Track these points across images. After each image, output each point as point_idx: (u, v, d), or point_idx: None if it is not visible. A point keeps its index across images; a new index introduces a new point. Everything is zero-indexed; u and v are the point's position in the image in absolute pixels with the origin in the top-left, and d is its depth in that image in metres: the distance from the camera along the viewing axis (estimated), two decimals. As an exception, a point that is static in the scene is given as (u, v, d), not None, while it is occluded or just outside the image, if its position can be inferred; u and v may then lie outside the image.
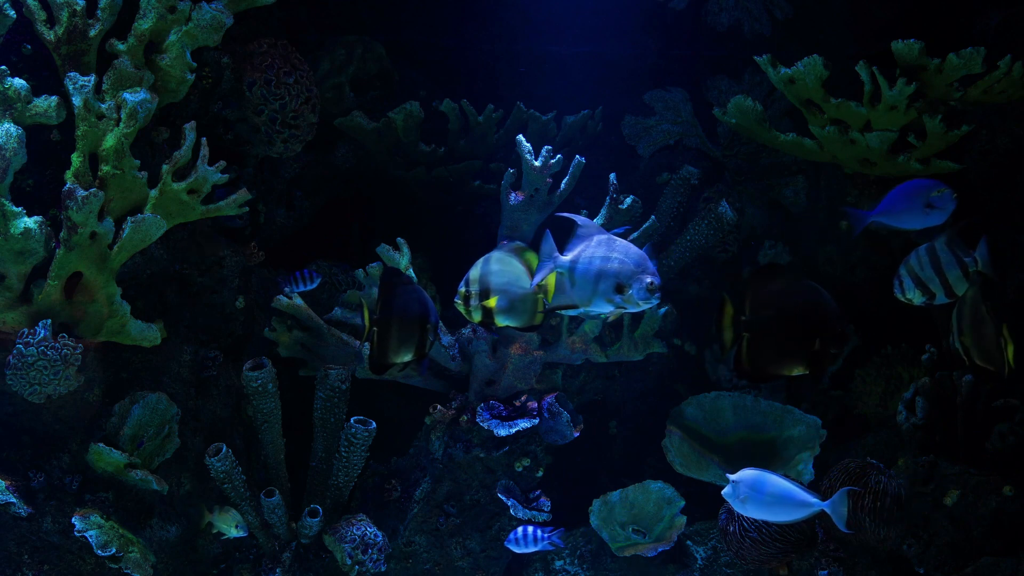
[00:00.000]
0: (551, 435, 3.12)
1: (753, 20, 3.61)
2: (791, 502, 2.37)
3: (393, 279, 2.31)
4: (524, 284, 2.40)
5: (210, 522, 2.83)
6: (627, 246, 2.24)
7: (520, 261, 2.44)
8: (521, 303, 2.39)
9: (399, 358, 2.31)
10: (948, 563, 2.68)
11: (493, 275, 2.38)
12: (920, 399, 2.88)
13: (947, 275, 2.49)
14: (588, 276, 2.24)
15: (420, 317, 2.29)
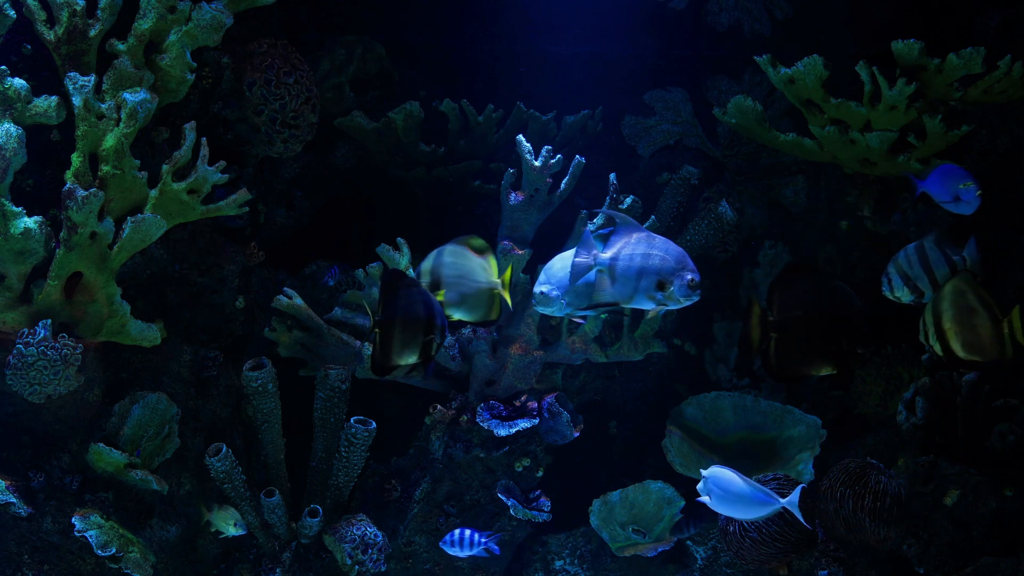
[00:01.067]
0: (551, 435, 3.12)
1: (753, 20, 3.61)
2: (753, 501, 2.42)
3: (396, 281, 2.28)
4: (478, 278, 2.37)
5: (209, 520, 2.83)
6: (667, 243, 2.24)
7: (475, 254, 2.40)
8: (474, 297, 2.37)
9: (402, 360, 2.29)
10: (948, 563, 2.68)
11: (445, 267, 2.35)
12: (920, 399, 2.88)
13: (936, 274, 2.48)
14: (629, 273, 2.24)
15: (425, 320, 2.25)
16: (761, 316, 2.16)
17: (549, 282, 2.43)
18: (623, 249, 2.26)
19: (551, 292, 2.42)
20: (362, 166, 3.52)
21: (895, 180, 3.15)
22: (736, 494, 2.43)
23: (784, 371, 2.19)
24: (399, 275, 2.32)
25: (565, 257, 2.44)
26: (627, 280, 2.24)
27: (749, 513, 2.46)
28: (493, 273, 2.40)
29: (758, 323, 2.17)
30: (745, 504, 2.44)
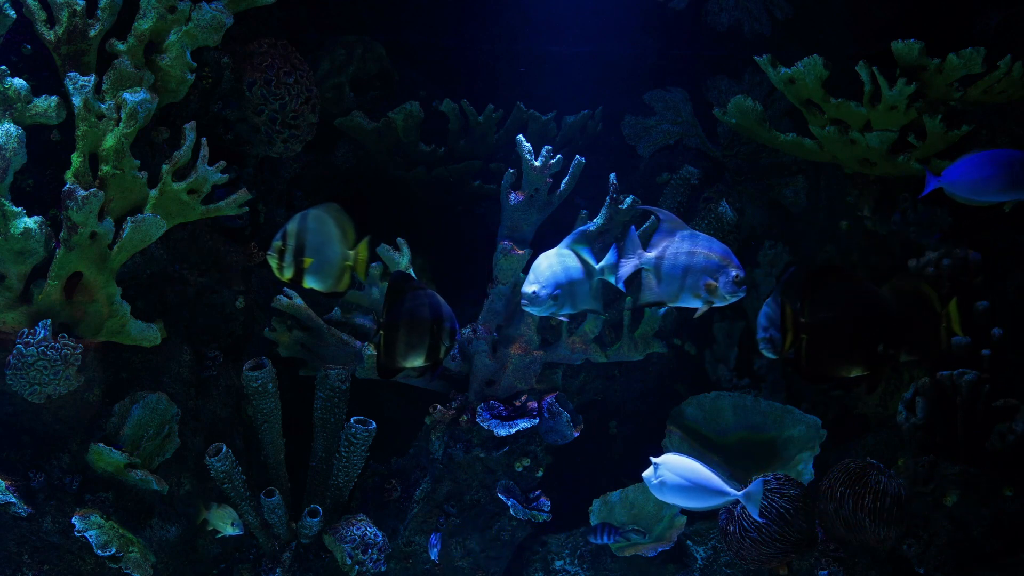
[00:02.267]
0: (551, 435, 3.12)
1: (753, 20, 3.61)
2: (708, 490, 2.40)
3: (402, 283, 2.27)
4: (335, 248, 2.33)
5: (206, 519, 2.83)
6: (710, 240, 2.24)
7: (335, 224, 2.35)
8: (330, 267, 2.32)
9: (408, 363, 2.27)
10: (948, 563, 2.68)
11: (311, 233, 2.30)
12: (920, 399, 2.88)
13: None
14: (675, 272, 2.24)
15: (431, 322, 2.24)
16: (793, 317, 2.16)
17: (538, 281, 2.41)
18: (668, 248, 2.27)
19: (541, 291, 2.40)
20: (362, 166, 3.52)
21: (895, 180, 3.15)
22: (691, 482, 2.42)
23: (815, 372, 2.19)
24: (405, 277, 2.31)
25: (550, 256, 2.44)
26: (673, 279, 2.25)
27: (701, 502, 2.45)
28: (350, 244, 2.35)
29: (790, 324, 2.16)
30: (698, 494, 2.43)
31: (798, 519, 2.66)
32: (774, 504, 2.65)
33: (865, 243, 3.39)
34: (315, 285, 2.31)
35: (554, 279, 2.40)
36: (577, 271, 2.44)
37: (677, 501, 2.49)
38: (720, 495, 2.39)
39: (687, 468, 2.42)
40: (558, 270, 2.43)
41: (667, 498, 2.48)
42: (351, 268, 2.34)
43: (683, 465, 2.44)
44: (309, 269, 2.26)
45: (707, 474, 2.41)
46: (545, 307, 2.43)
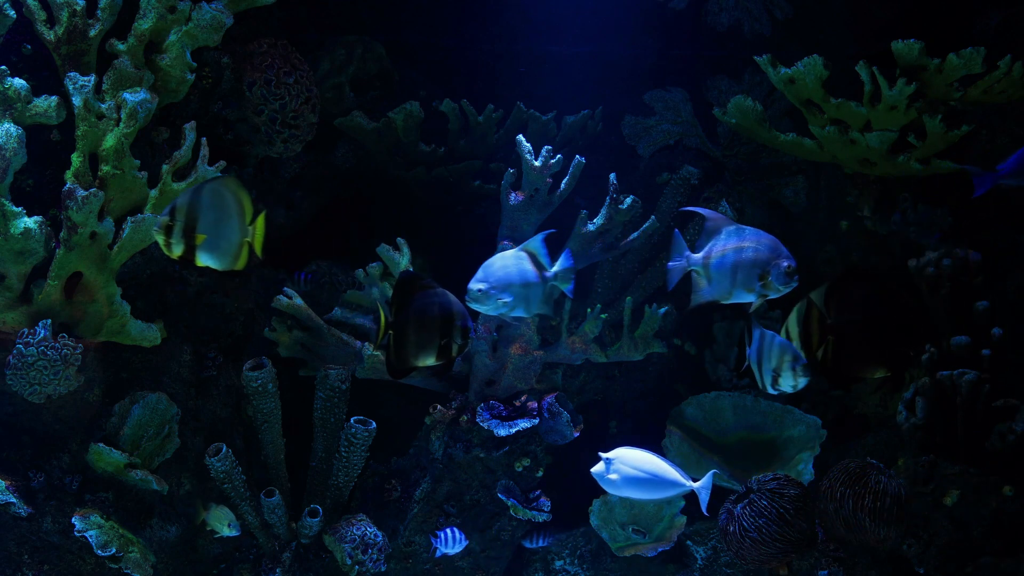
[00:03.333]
0: (551, 435, 3.12)
1: (753, 20, 3.61)
2: (662, 482, 2.42)
3: (410, 282, 2.25)
4: (232, 224, 2.22)
5: (204, 520, 2.83)
6: (757, 233, 2.22)
7: (233, 198, 2.23)
8: (227, 244, 2.21)
9: (419, 362, 2.26)
10: (948, 563, 2.68)
11: (204, 209, 2.17)
12: (920, 399, 2.88)
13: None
14: (724, 269, 2.22)
15: (440, 321, 2.22)
16: (820, 319, 2.15)
17: (486, 280, 2.37)
18: (714, 246, 2.24)
19: (488, 290, 2.36)
20: (362, 166, 3.52)
21: (895, 180, 3.15)
22: (648, 473, 2.43)
23: (840, 374, 2.19)
24: (414, 276, 2.30)
25: (506, 256, 2.41)
26: (723, 276, 2.22)
27: (656, 494, 2.46)
28: (248, 220, 2.25)
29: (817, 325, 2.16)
30: (653, 485, 2.44)
31: (798, 519, 2.66)
32: (774, 504, 2.65)
33: (865, 243, 3.39)
34: (210, 263, 2.20)
35: (506, 279, 2.36)
36: (532, 274, 2.40)
37: (633, 494, 2.51)
38: (675, 486, 2.42)
39: (642, 460, 2.45)
40: (512, 271, 2.39)
41: (622, 492, 2.50)
42: (249, 244, 2.24)
43: (638, 458, 2.46)
44: (202, 246, 2.15)
45: (663, 465, 2.43)
46: (492, 306, 2.38)
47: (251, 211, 2.24)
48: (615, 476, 2.46)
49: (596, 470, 2.52)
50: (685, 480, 2.43)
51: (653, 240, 3.24)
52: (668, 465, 2.46)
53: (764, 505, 2.65)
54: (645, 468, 2.45)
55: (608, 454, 2.50)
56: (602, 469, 2.50)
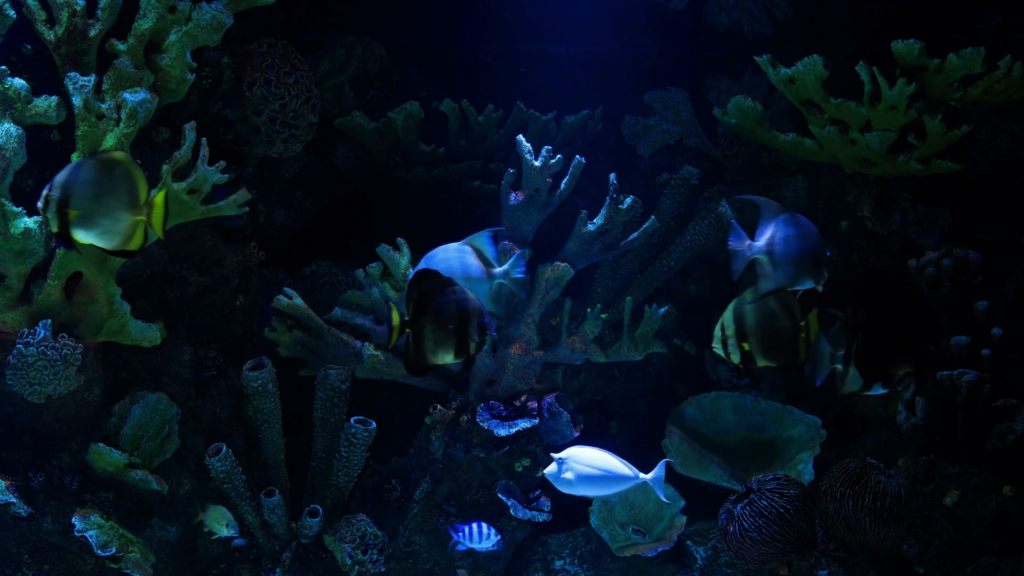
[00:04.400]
0: (551, 435, 3.12)
1: (753, 20, 3.61)
2: (615, 477, 2.46)
3: (425, 280, 2.23)
4: (117, 200, 2.12)
5: (202, 520, 2.82)
6: (806, 219, 2.25)
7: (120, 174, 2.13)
8: (110, 221, 2.11)
9: (438, 360, 2.24)
10: (948, 563, 2.68)
11: (81, 184, 2.08)
12: (920, 399, 2.88)
13: None
14: (790, 255, 2.22)
15: (457, 317, 2.20)
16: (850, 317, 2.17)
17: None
18: (776, 233, 2.25)
19: None
20: (362, 166, 3.52)
21: (895, 180, 3.15)
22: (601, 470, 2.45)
23: (869, 369, 2.21)
24: (429, 273, 2.28)
25: (448, 248, 2.38)
26: (789, 262, 2.22)
27: (610, 489, 2.48)
28: (141, 197, 2.13)
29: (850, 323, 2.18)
30: (608, 481, 2.46)
31: (798, 519, 2.66)
32: (774, 504, 2.65)
33: (865, 243, 3.39)
34: (93, 240, 2.10)
35: (448, 273, 2.31)
36: (476, 269, 2.38)
37: (588, 492, 2.54)
38: (627, 480, 2.46)
39: (594, 457, 2.48)
40: (454, 264, 2.36)
41: (576, 491, 2.52)
42: (144, 223, 2.14)
43: (589, 455, 2.49)
44: (77, 222, 2.05)
45: (614, 461, 2.47)
46: None
47: (145, 189, 2.13)
48: (569, 475, 2.48)
49: (548, 471, 2.53)
50: (637, 473, 2.47)
51: (653, 240, 3.25)
52: (619, 460, 2.49)
53: (764, 505, 2.65)
54: (597, 465, 2.48)
55: (559, 454, 2.51)
56: (554, 470, 2.52)
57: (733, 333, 2.29)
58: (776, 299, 2.29)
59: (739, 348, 2.28)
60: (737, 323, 2.30)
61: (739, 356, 2.30)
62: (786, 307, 2.30)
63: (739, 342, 2.28)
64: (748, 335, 2.28)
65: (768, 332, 2.28)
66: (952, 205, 3.09)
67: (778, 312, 2.29)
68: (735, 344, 2.28)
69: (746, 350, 2.28)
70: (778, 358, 2.30)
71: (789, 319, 2.29)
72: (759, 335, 2.28)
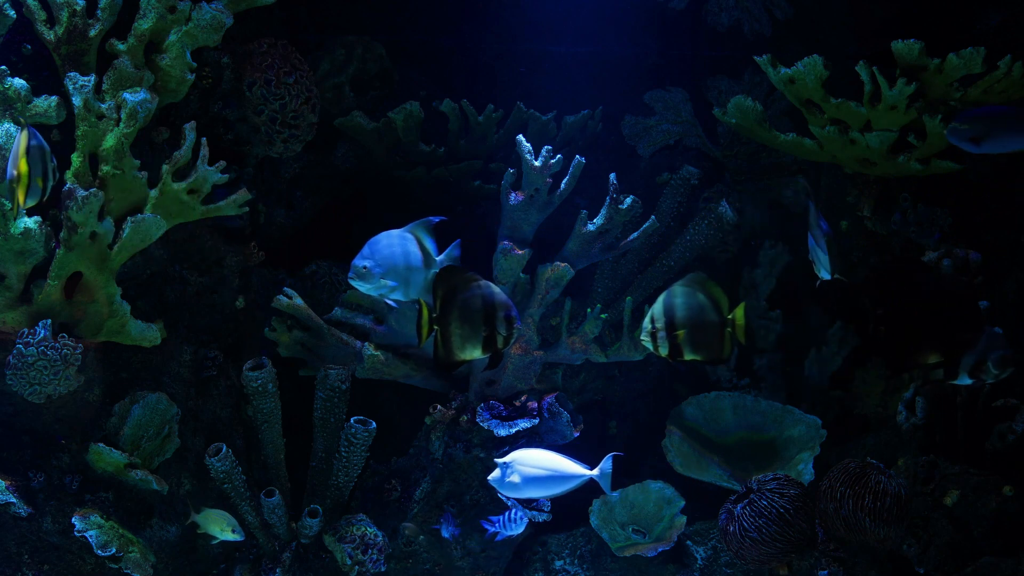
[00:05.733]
0: (551, 435, 3.11)
1: (753, 20, 3.61)
2: (562, 476, 2.47)
3: (451, 275, 2.24)
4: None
5: (195, 522, 2.79)
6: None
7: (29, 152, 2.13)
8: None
9: (465, 355, 2.24)
10: (948, 563, 2.68)
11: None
12: (920, 399, 2.88)
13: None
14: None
15: (483, 312, 2.20)
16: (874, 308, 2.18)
17: (372, 257, 2.33)
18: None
19: (373, 268, 2.31)
20: (362, 166, 3.52)
21: (895, 180, 3.15)
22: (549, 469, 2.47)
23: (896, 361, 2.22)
24: (455, 269, 2.28)
25: (392, 235, 2.37)
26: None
27: (559, 488, 2.49)
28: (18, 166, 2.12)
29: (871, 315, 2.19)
30: (556, 481, 2.47)
31: (798, 519, 2.66)
32: (774, 504, 2.65)
33: (865, 243, 3.39)
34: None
35: (391, 259, 2.33)
36: (416, 258, 2.38)
37: (536, 493, 2.54)
38: (575, 477, 2.47)
39: (538, 458, 2.49)
40: (397, 251, 2.36)
41: (524, 493, 2.53)
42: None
43: (536, 456, 2.50)
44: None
45: (559, 459, 2.48)
46: (374, 286, 2.34)
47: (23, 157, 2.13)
48: (515, 478, 2.48)
49: (492, 477, 2.54)
50: (584, 469, 2.48)
51: (653, 240, 3.24)
52: (564, 458, 2.50)
53: (764, 505, 2.65)
54: (543, 465, 2.48)
55: (503, 459, 2.53)
56: (498, 475, 2.52)
57: (663, 326, 2.29)
58: (704, 292, 2.30)
59: (668, 341, 2.28)
60: (667, 316, 2.30)
61: (667, 349, 2.30)
62: (713, 301, 2.30)
63: (669, 335, 2.28)
64: (678, 328, 2.28)
65: (697, 325, 2.28)
66: (952, 205, 3.09)
67: (706, 306, 2.29)
68: (664, 337, 2.28)
69: (676, 343, 2.28)
70: (704, 352, 2.31)
71: (716, 313, 2.29)
72: (689, 328, 2.28)
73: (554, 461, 2.49)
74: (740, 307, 2.29)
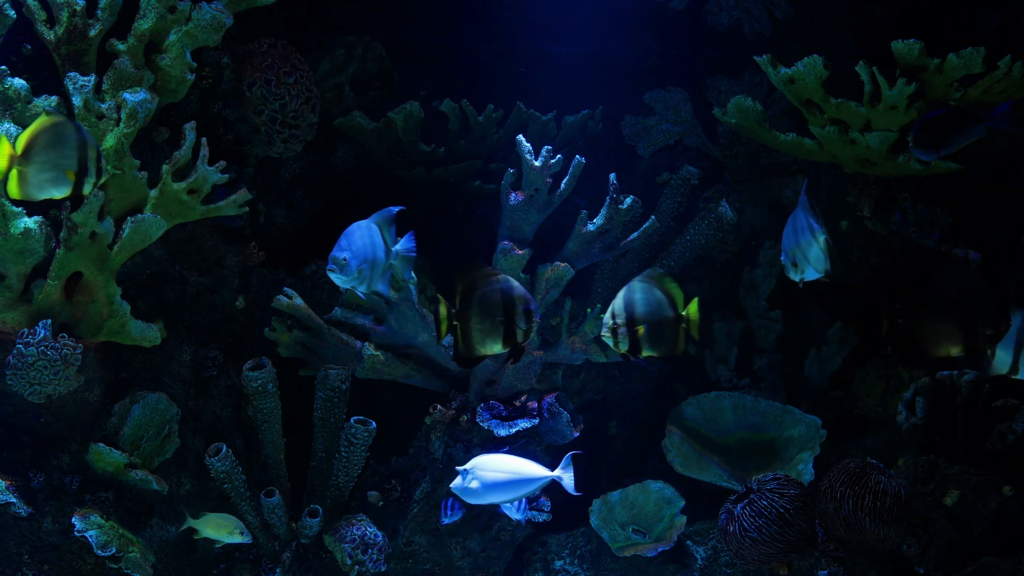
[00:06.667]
0: (551, 435, 3.12)
1: (753, 20, 3.61)
2: (524, 479, 2.47)
3: (470, 271, 2.23)
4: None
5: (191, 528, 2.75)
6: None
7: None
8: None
9: (486, 350, 2.24)
10: (948, 563, 2.68)
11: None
12: (920, 399, 2.88)
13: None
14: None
15: (503, 307, 2.20)
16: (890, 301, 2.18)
17: (350, 249, 2.29)
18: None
19: (351, 260, 2.29)
20: (362, 166, 3.52)
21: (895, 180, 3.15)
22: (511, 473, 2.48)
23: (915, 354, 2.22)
24: (473, 265, 2.27)
25: (362, 227, 2.35)
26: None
27: (521, 491, 2.50)
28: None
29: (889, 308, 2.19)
30: (518, 484, 2.48)
31: (798, 519, 2.66)
32: (774, 504, 2.65)
33: (865, 243, 3.39)
34: None
35: (363, 251, 2.30)
36: (380, 250, 2.36)
37: (498, 498, 2.54)
38: (537, 480, 2.48)
39: (499, 463, 2.49)
40: (367, 243, 2.33)
41: (487, 499, 2.53)
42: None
43: (494, 462, 2.50)
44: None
45: (519, 463, 2.48)
46: (350, 278, 2.31)
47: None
48: (476, 484, 2.49)
49: (454, 485, 2.54)
50: (545, 471, 2.49)
51: (653, 240, 3.24)
52: (524, 461, 2.51)
53: (764, 505, 2.65)
54: (504, 469, 2.49)
55: (463, 466, 2.53)
56: (460, 482, 2.53)
57: (624, 321, 2.28)
58: (660, 288, 2.29)
59: (629, 337, 2.27)
60: (628, 311, 2.29)
61: (628, 345, 2.29)
62: (669, 297, 2.29)
63: (629, 330, 2.27)
64: (638, 323, 2.27)
65: (655, 322, 2.28)
66: (952, 205, 3.09)
67: (663, 302, 2.28)
68: (625, 334, 2.28)
69: (635, 339, 2.27)
70: (661, 348, 2.30)
71: (672, 309, 2.28)
72: (648, 324, 2.28)
73: (514, 464, 2.49)
74: (693, 303, 2.28)
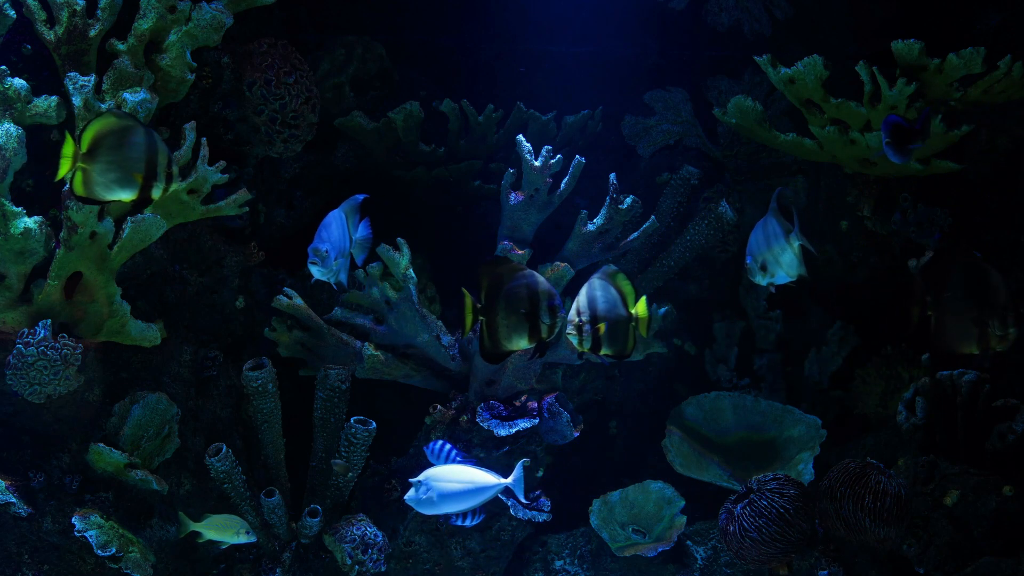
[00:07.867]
0: (551, 435, 3.12)
1: (753, 20, 3.61)
2: (477, 488, 2.50)
3: (495, 267, 2.23)
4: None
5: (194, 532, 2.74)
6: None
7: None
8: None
9: (513, 346, 2.23)
10: (948, 563, 2.68)
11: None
12: (920, 399, 2.88)
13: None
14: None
15: (528, 301, 2.18)
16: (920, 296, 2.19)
17: (330, 240, 2.31)
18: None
19: (331, 252, 2.30)
20: (362, 166, 3.52)
21: (895, 180, 3.15)
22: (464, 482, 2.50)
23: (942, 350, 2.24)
24: (499, 261, 2.27)
25: (335, 216, 2.36)
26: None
27: (476, 500, 2.51)
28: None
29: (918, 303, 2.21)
30: (472, 493, 2.50)
31: (798, 519, 2.66)
32: (774, 504, 2.65)
33: (865, 243, 3.39)
34: None
35: (339, 242, 2.32)
36: (347, 239, 2.37)
37: (452, 508, 2.56)
38: (490, 488, 2.50)
39: (452, 473, 2.51)
40: (343, 234, 2.35)
41: (442, 509, 2.55)
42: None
43: (447, 472, 2.53)
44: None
45: (472, 472, 2.51)
46: (327, 269, 2.32)
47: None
48: (430, 495, 2.50)
49: (408, 496, 2.56)
50: (497, 479, 2.50)
51: (653, 240, 3.25)
52: (477, 469, 2.53)
53: (764, 505, 2.65)
54: (457, 479, 2.51)
55: (416, 477, 2.55)
56: (413, 494, 2.55)
57: (588, 319, 2.27)
58: (615, 285, 2.29)
59: (592, 334, 2.27)
60: (591, 308, 2.27)
61: (591, 342, 2.28)
62: (622, 295, 2.29)
63: (593, 327, 2.27)
64: (600, 321, 2.26)
65: (613, 320, 2.27)
66: (952, 205, 3.10)
67: (618, 300, 2.28)
68: (589, 331, 2.27)
69: (596, 336, 2.26)
70: (616, 346, 2.28)
71: (624, 307, 2.28)
72: (607, 322, 2.27)
73: (467, 474, 2.52)
74: (642, 301, 2.26)
